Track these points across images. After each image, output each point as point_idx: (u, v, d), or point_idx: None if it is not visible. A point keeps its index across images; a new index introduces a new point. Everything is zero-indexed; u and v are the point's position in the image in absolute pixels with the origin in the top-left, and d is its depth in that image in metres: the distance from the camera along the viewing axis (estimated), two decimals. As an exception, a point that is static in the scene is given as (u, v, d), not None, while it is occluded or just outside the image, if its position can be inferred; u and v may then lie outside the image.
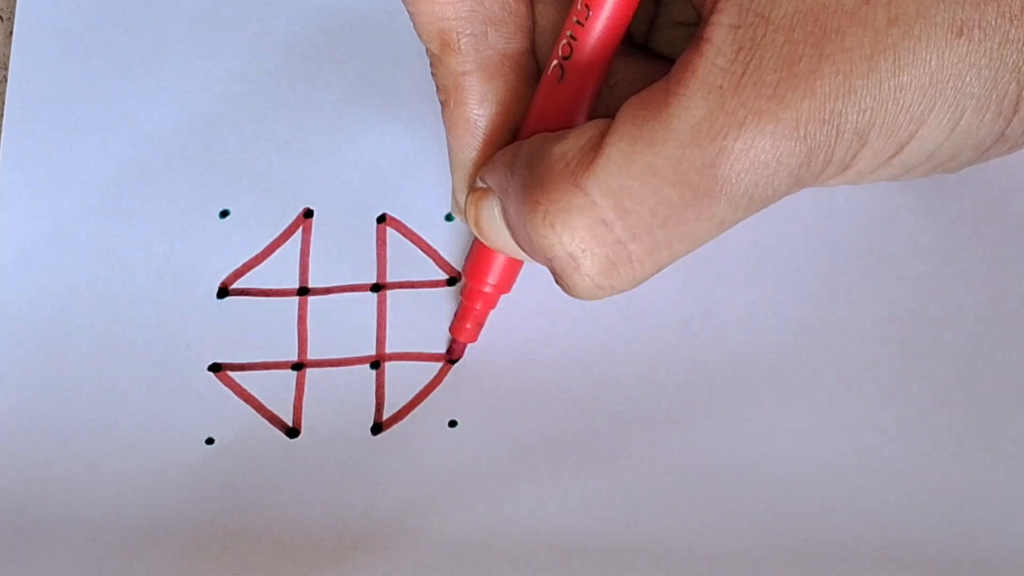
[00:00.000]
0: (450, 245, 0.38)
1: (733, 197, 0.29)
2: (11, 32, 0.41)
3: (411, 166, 0.38)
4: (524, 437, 0.36)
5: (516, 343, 0.37)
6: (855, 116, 0.28)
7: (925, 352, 0.36)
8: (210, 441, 0.36)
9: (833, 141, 0.28)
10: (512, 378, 0.36)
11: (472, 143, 0.33)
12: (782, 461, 0.35)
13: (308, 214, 0.39)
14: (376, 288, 0.38)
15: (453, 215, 0.37)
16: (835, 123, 0.28)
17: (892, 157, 0.30)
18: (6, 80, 0.41)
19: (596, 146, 0.29)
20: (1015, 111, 0.30)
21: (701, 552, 0.34)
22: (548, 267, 0.30)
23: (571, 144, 0.29)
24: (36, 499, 0.36)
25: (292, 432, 0.36)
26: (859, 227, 0.37)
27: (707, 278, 0.37)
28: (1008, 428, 0.35)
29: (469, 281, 0.35)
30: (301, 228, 0.39)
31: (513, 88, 0.33)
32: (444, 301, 0.37)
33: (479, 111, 0.33)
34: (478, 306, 0.36)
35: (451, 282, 0.37)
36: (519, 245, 0.32)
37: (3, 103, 0.40)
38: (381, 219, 0.38)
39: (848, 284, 0.36)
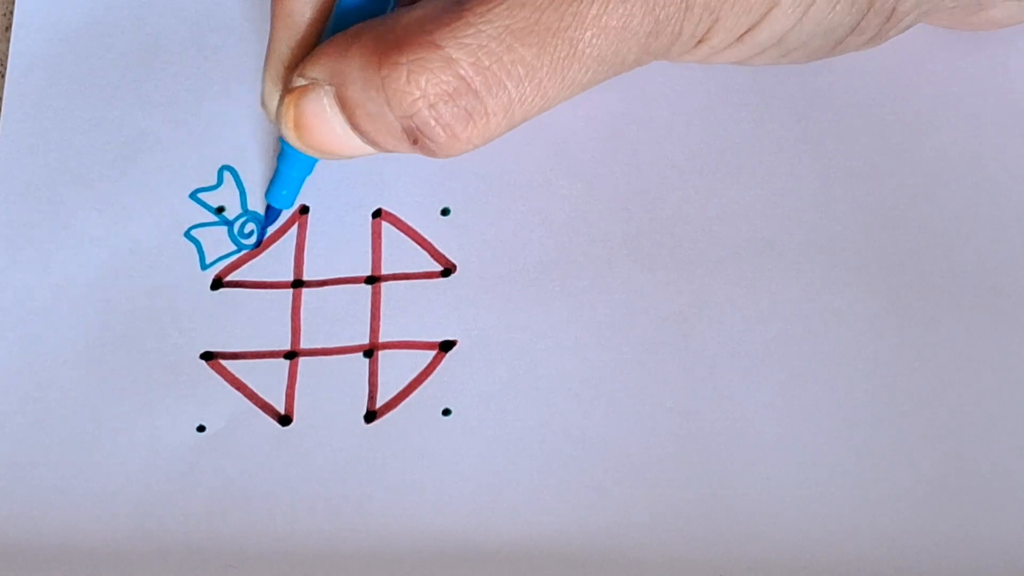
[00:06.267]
0: (445, 237, 0.38)
1: (585, 61, 0.30)
2: (8, 27, 0.41)
3: (407, 160, 0.38)
4: (518, 426, 0.35)
5: (510, 331, 0.36)
6: None
7: (922, 345, 0.35)
8: (201, 428, 0.36)
9: (682, 14, 0.30)
10: (506, 367, 0.36)
11: (292, 37, 0.34)
12: (777, 451, 0.35)
13: (304, 210, 0.39)
14: (371, 280, 0.37)
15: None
16: None
17: (743, 36, 0.31)
18: (4, 77, 0.41)
19: (452, 11, 0.30)
20: (870, 5, 0.31)
21: (695, 541, 0.34)
22: (405, 131, 0.31)
23: (426, 12, 0.31)
24: (28, 485, 0.36)
25: (284, 420, 0.36)
26: (856, 220, 0.37)
27: (702, 269, 0.37)
28: (1006, 421, 0.35)
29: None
30: (297, 224, 0.39)
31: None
32: (439, 292, 0.37)
33: (305, 8, 0.34)
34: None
35: (446, 273, 0.37)
36: (359, 127, 0.32)
37: (0, 100, 0.40)
38: (376, 214, 0.38)
39: (844, 277, 0.36)
